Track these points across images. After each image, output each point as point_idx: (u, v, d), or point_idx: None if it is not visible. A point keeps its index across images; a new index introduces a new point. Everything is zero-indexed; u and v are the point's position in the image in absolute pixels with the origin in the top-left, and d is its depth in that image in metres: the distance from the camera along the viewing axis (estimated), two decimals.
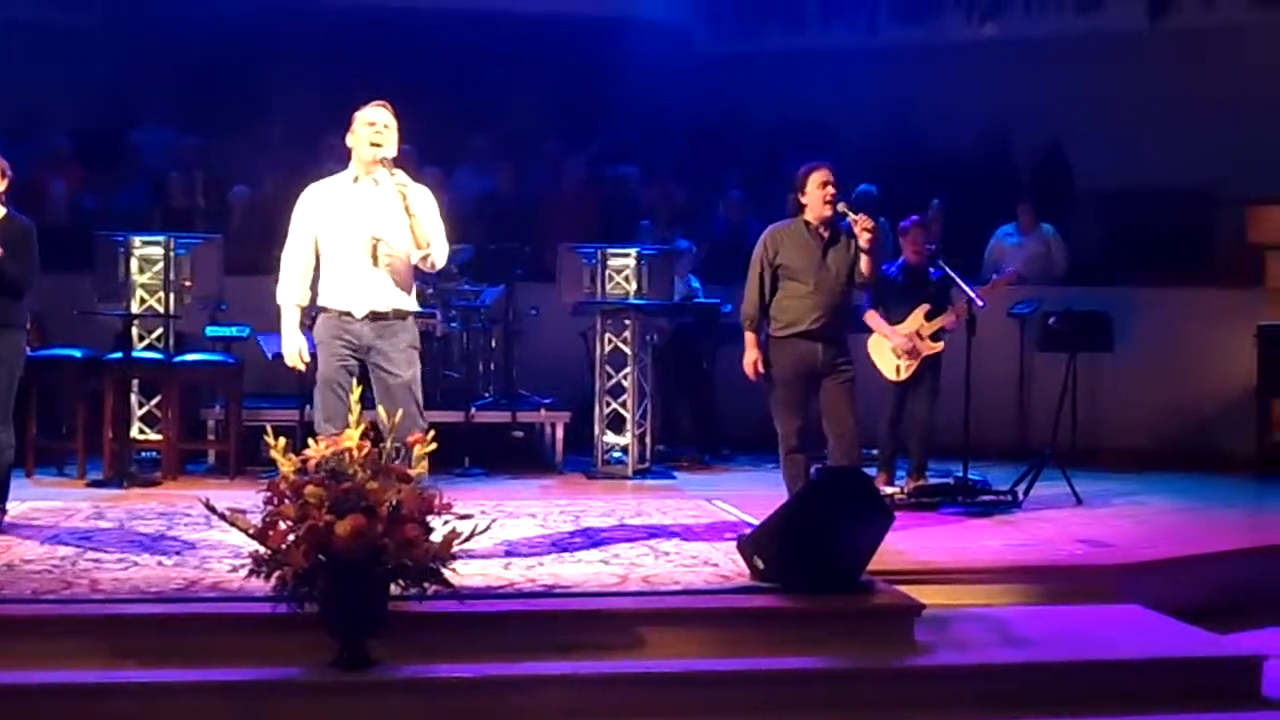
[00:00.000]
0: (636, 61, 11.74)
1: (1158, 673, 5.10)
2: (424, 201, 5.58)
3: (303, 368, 5.65)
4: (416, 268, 5.68)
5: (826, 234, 6.37)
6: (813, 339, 6.31)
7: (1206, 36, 11.49)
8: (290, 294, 5.67)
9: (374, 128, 5.50)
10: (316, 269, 5.69)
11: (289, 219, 5.74)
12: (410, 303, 5.69)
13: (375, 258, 5.55)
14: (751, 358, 6.43)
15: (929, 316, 7.85)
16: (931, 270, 7.96)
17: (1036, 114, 11.74)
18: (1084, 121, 11.52)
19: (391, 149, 5.52)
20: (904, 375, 7.87)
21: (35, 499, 7.13)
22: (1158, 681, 5.05)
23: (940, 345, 7.88)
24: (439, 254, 5.63)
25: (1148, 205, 11.19)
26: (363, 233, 5.56)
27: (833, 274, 6.35)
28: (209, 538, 6.03)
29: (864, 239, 6.21)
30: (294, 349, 5.64)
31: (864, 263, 6.30)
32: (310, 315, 5.74)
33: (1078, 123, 11.56)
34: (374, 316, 5.55)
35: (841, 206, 6.32)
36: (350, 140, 5.58)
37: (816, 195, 6.33)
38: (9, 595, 5.06)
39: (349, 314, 5.55)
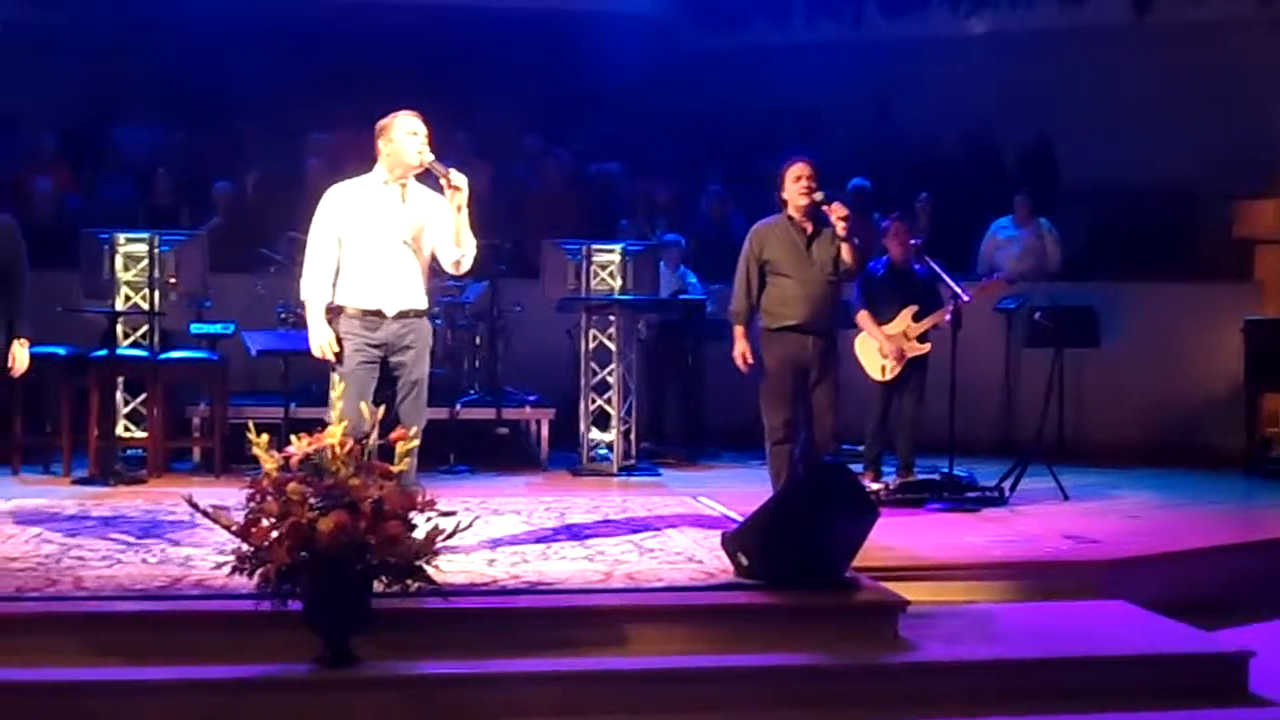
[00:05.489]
0: (620, 56, 11.73)
1: (1144, 669, 5.10)
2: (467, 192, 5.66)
3: (331, 358, 5.66)
4: (433, 269, 5.80)
5: (810, 227, 6.47)
6: (803, 332, 6.40)
7: (1192, 30, 11.51)
8: (318, 292, 5.71)
9: (418, 138, 5.62)
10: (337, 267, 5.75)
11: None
12: (426, 302, 5.82)
13: (405, 258, 5.66)
14: (740, 349, 6.55)
15: (917, 316, 7.85)
16: (918, 267, 7.96)
17: (1023, 108, 11.75)
18: (1070, 115, 11.54)
19: (430, 154, 5.63)
20: (889, 376, 7.87)
21: (21, 497, 7.13)
22: (1144, 678, 5.06)
23: (927, 346, 7.87)
24: (469, 256, 5.74)
25: (1134, 200, 11.22)
26: (394, 233, 5.65)
27: (818, 266, 6.44)
28: (194, 535, 6.01)
29: (840, 227, 6.31)
30: (323, 340, 5.66)
31: (845, 251, 6.38)
32: (330, 312, 5.74)
33: (1064, 117, 11.58)
34: (400, 316, 5.66)
35: (817, 196, 6.37)
36: (385, 147, 5.66)
37: (793, 189, 6.44)
38: None
39: (378, 313, 5.64)
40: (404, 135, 5.62)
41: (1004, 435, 9.71)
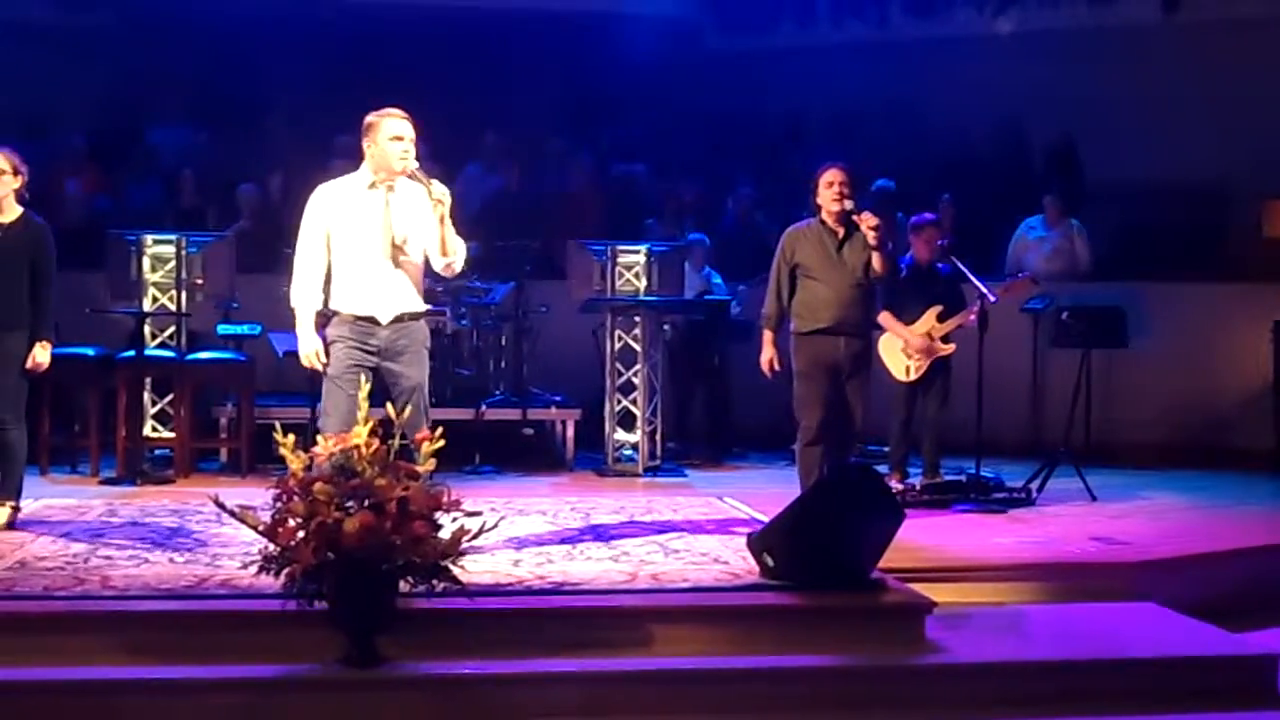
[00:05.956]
0: (645, 58, 11.72)
1: (1172, 671, 5.07)
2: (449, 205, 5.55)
3: (320, 367, 5.57)
4: (428, 270, 5.70)
5: (841, 231, 6.53)
6: (833, 334, 6.46)
7: (1221, 29, 11.41)
8: (307, 298, 5.61)
9: (402, 144, 5.48)
10: (327, 270, 5.65)
11: (298, 217, 5.71)
12: (422, 304, 5.70)
13: (396, 262, 5.55)
14: (767, 355, 6.62)
15: (942, 317, 7.83)
16: (941, 266, 7.94)
17: (1049, 108, 11.69)
18: (1097, 115, 11.47)
19: (414, 161, 5.51)
20: (913, 376, 7.85)
21: (49, 496, 7.18)
22: (1172, 680, 5.02)
23: (952, 347, 7.85)
24: (459, 261, 5.64)
25: (1162, 200, 11.14)
26: (383, 238, 5.54)
27: (849, 270, 6.50)
28: (220, 535, 6.04)
29: (870, 237, 6.37)
30: (310, 350, 5.57)
31: (875, 259, 6.45)
32: (323, 317, 5.67)
33: (1091, 117, 11.50)
34: (395, 321, 5.54)
35: (848, 204, 6.45)
36: (370, 149, 5.54)
37: (826, 195, 6.51)
38: (22, 592, 5.08)
39: (371, 319, 5.52)
40: (387, 141, 5.48)
41: (1031, 436, 9.65)
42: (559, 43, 12.40)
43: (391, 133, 5.49)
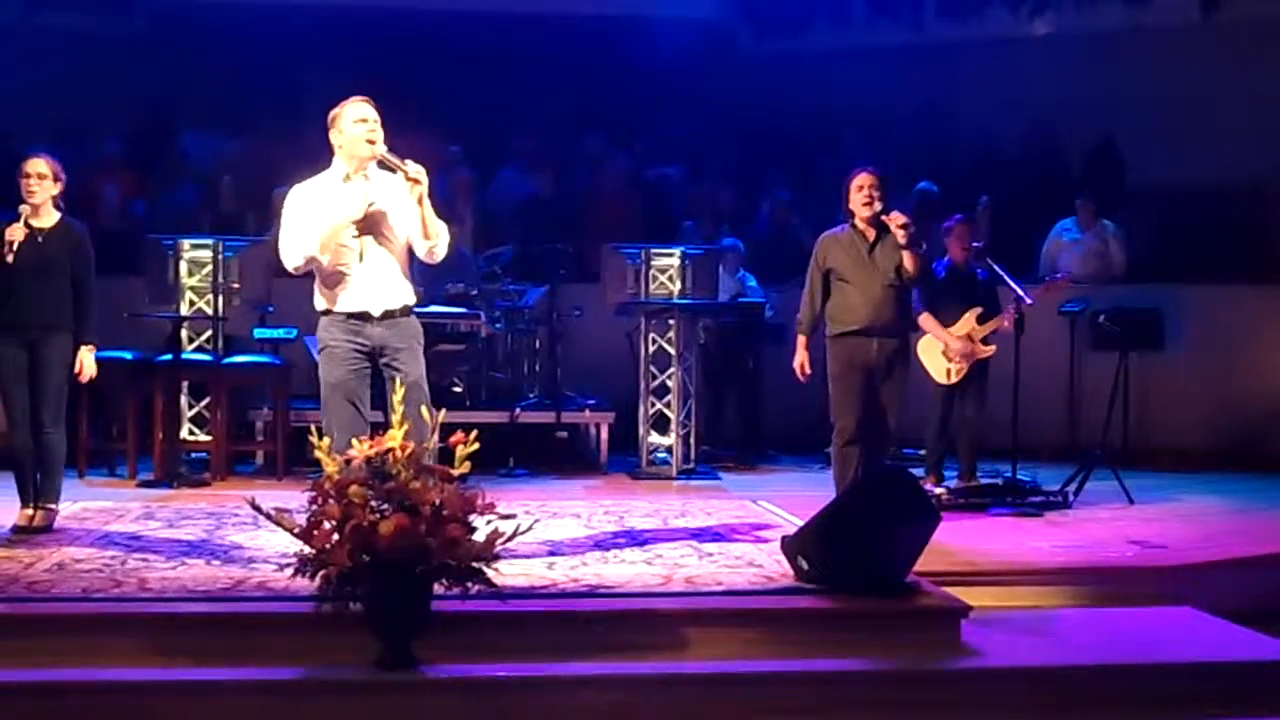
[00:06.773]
0: (680, 61, 11.73)
1: (1210, 676, 5.02)
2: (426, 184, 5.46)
3: (369, 205, 5.38)
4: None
5: (872, 234, 6.58)
6: (865, 336, 6.50)
7: (1259, 29, 11.32)
8: (307, 244, 5.41)
9: (367, 125, 5.43)
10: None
11: None
12: (411, 295, 5.63)
13: (380, 252, 5.47)
14: (800, 358, 6.71)
15: (981, 319, 7.80)
16: (979, 270, 7.91)
17: (1086, 110, 11.64)
18: (1135, 117, 11.40)
19: (382, 144, 5.45)
20: (954, 379, 7.82)
21: (86, 499, 7.22)
22: (1209, 685, 4.97)
23: (992, 349, 7.82)
24: (443, 244, 5.55)
25: (1200, 201, 11.05)
26: (365, 230, 5.47)
27: (880, 273, 6.54)
28: (256, 538, 6.07)
29: (900, 236, 6.40)
30: (356, 200, 5.37)
31: (906, 259, 6.48)
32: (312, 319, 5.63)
33: (1128, 118, 11.44)
34: (387, 315, 5.49)
35: (878, 206, 6.50)
36: (337, 138, 5.49)
37: (856, 199, 6.58)
38: (60, 593, 5.12)
39: (363, 315, 5.47)
40: (352, 124, 5.42)
41: (1068, 439, 9.60)
42: (593, 46, 12.42)
43: (355, 115, 5.44)
